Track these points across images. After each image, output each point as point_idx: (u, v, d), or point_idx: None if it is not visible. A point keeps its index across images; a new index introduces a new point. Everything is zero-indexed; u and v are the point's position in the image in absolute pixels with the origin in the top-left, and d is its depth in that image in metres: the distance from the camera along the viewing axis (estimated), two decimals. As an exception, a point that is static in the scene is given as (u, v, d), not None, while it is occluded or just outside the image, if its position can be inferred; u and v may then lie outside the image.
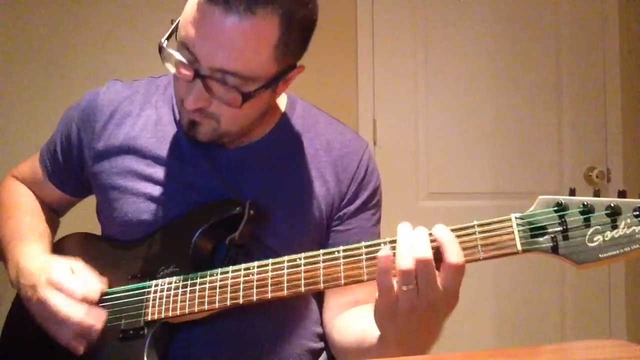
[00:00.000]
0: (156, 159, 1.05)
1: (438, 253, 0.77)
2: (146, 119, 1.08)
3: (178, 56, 0.91)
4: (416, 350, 0.82)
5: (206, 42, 0.89)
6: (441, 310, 0.78)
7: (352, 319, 1.01)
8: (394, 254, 0.78)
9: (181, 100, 0.97)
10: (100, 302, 1.00)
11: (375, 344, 0.89)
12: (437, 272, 0.76)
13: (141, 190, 1.04)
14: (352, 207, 1.08)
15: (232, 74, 0.90)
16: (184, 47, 0.91)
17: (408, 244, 0.77)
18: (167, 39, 0.94)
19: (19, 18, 2.24)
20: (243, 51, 0.89)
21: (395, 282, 0.77)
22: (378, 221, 1.12)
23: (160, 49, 0.93)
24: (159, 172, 1.04)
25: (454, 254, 0.76)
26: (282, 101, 1.12)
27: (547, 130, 2.60)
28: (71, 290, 0.96)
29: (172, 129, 1.07)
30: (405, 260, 0.76)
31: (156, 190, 1.03)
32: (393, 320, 0.80)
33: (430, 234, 0.79)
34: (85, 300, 0.96)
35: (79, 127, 1.10)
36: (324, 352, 1.10)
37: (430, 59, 2.56)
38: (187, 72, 0.91)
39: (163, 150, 1.05)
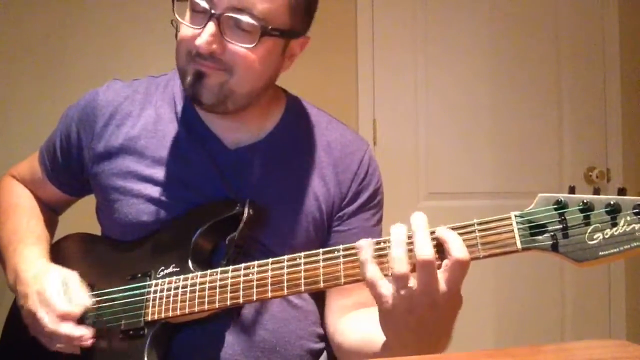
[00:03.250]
0: (156, 160, 1.05)
1: (437, 251, 0.75)
2: (146, 119, 1.08)
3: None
4: (422, 354, 0.80)
5: None
6: (444, 311, 0.76)
7: (357, 322, 1.01)
8: (379, 255, 0.78)
9: (188, 51, 0.96)
10: (99, 302, 1.00)
11: (380, 348, 0.88)
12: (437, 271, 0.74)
13: (141, 192, 1.03)
14: (353, 207, 1.08)
15: (247, 13, 0.91)
16: None
17: (402, 247, 0.76)
18: None
19: (18, 18, 2.23)
20: None
21: (380, 282, 0.76)
22: (379, 221, 1.12)
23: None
24: (159, 172, 1.04)
25: (459, 250, 0.74)
26: (282, 101, 1.12)
27: (547, 130, 2.60)
28: (53, 306, 0.96)
29: (172, 129, 1.07)
30: (399, 264, 0.75)
31: (156, 191, 1.03)
32: (391, 322, 0.79)
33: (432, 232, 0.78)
34: (63, 319, 0.96)
35: (78, 128, 1.10)
36: (324, 353, 1.09)
37: (430, 58, 2.56)
38: (201, 17, 0.92)
39: (163, 151, 1.05)
